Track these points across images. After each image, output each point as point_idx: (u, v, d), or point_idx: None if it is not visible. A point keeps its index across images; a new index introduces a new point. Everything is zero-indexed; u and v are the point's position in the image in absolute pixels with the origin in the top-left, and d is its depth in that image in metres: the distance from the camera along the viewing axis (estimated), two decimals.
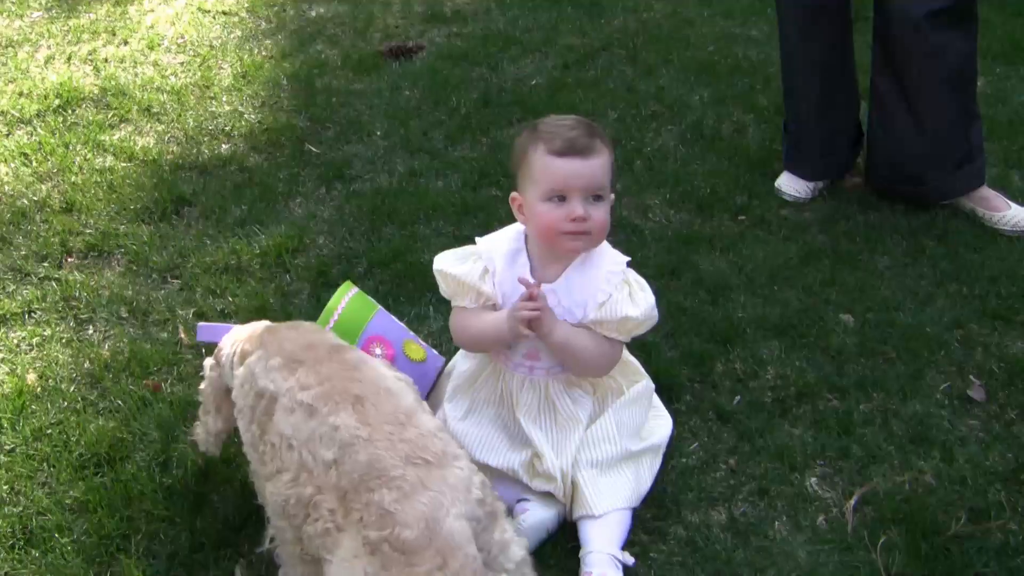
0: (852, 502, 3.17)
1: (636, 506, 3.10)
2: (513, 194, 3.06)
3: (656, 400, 3.37)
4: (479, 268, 3.10)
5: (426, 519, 2.29)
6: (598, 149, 2.95)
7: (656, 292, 3.07)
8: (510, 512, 2.98)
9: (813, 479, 3.26)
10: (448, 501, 2.33)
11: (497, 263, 3.10)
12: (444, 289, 3.17)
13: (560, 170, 2.93)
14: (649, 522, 3.10)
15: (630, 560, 2.96)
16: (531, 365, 3.13)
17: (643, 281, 3.09)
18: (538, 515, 3.02)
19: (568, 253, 3.04)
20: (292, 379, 2.62)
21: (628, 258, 3.11)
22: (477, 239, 3.17)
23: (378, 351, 3.25)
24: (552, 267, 3.07)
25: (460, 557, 2.27)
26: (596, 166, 2.95)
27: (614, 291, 3.02)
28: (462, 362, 3.30)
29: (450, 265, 3.12)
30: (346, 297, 3.36)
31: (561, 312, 3.04)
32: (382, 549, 2.29)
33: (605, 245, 3.12)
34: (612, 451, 3.11)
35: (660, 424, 3.33)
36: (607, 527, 3.00)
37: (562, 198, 2.93)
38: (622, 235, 4.24)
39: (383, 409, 2.51)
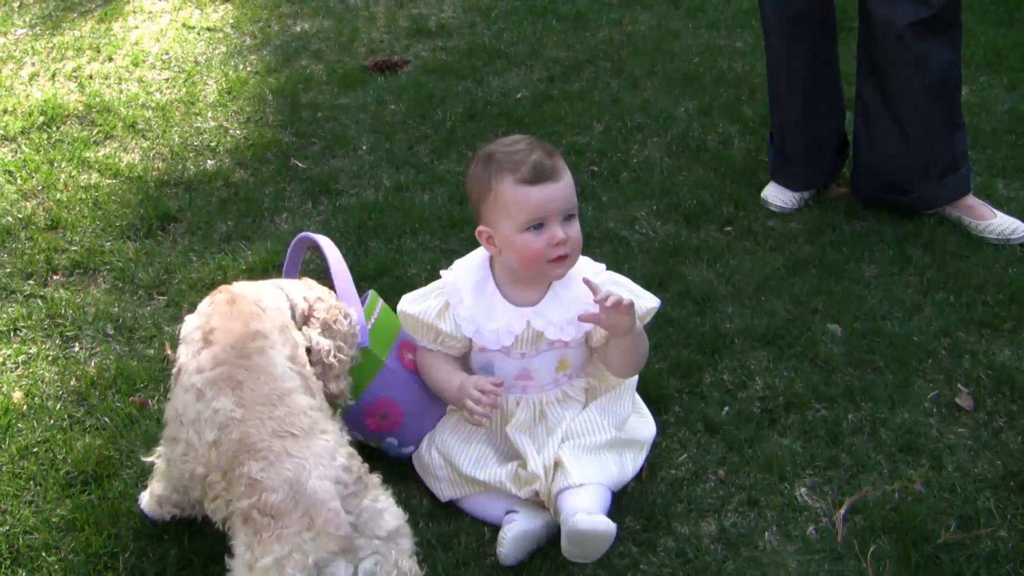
0: (842, 511, 3.17)
1: (615, 490, 3.09)
2: (480, 228, 3.07)
3: (639, 402, 3.37)
4: (438, 304, 3.13)
5: (290, 482, 2.46)
6: (562, 168, 2.98)
7: None
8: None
9: (803, 489, 3.26)
10: (311, 465, 2.49)
11: (464, 295, 3.11)
12: (405, 329, 3.24)
13: (537, 199, 2.94)
14: (639, 534, 3.10)
15: (612, 526, 2.92)
16: (524, 385, 3.16)
17: (628, 282, 3.18)
18: (524, 525, 3.01)
19: (553, 279, 3.08)
20: (195, 360, 2.73)
21: (603, 265, 3.16)
22: (442, 272, 3.20)
23: (409, 356, 3.31)
24: (526, 291, 3.10)
25: (324, 512, 2.43)
26: (567, 186, 2.98)
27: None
28: None
29: (409, 304, 3.18)
30: (379, 304, 3.38)
31: (554, 331, 3.07)
32: (252, 516, 2.46)
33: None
34: (597, 438, 3.11)
35: (644, 423, 3.34)
36: (587, 494, 2.98)
37: (540, 225, 2.95)
38: (608, 247, 4.24)
39: (259, 391, 2.64)
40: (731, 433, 3.44)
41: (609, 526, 2.85)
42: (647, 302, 3.14)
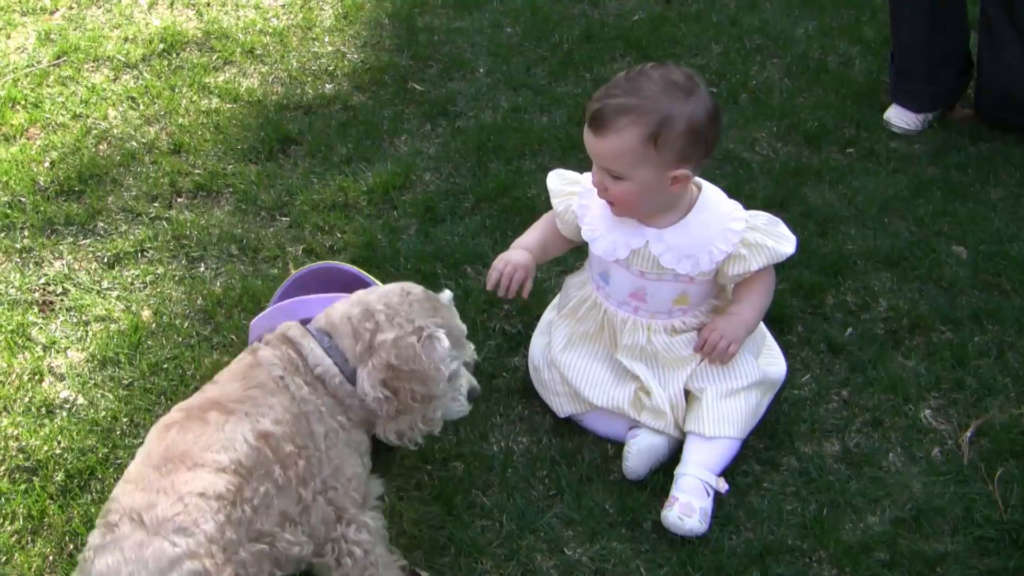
0: (968, 434, 3.14)
1: (744, 438, 3.09)
2: None
3: (772, 342, 3.33)
4: (570, 189, 3.16)
5: None
6: (618, 128, 2.80)
7: None
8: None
9: (927, 411, 3.23)
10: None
11: (595, 201, 3.06)
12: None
13: (587, 139, 2.91)
14: (762, 452, 3.10)
15: (723, 488, 2.96)
16: (636, 306, 3.11)
17: (765, 221, 3.01)
18: (648, 439, 3.04)
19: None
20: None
21: (747, 217, 3.00)
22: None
23: None
24: (661, 214, 2.99)
25: None
26: (606, 148, 2.83)
27: (731, 250, 2.95)
28: (574, 283, 3.28)
29: (554, 180, 3.22)
30: None
31: (670, 259, 2.97)
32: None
33: (721, 198, 3.05)
34: (743, 376, 3.07)
35: (776, 362, 3.29)
36: (712, 450, 3.01)
37: None
38: (729, 168, 4.22)
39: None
40: (854, 354, 3.42)
41: (694, 531, 2.89)
42: (787, 247, 2.98)
